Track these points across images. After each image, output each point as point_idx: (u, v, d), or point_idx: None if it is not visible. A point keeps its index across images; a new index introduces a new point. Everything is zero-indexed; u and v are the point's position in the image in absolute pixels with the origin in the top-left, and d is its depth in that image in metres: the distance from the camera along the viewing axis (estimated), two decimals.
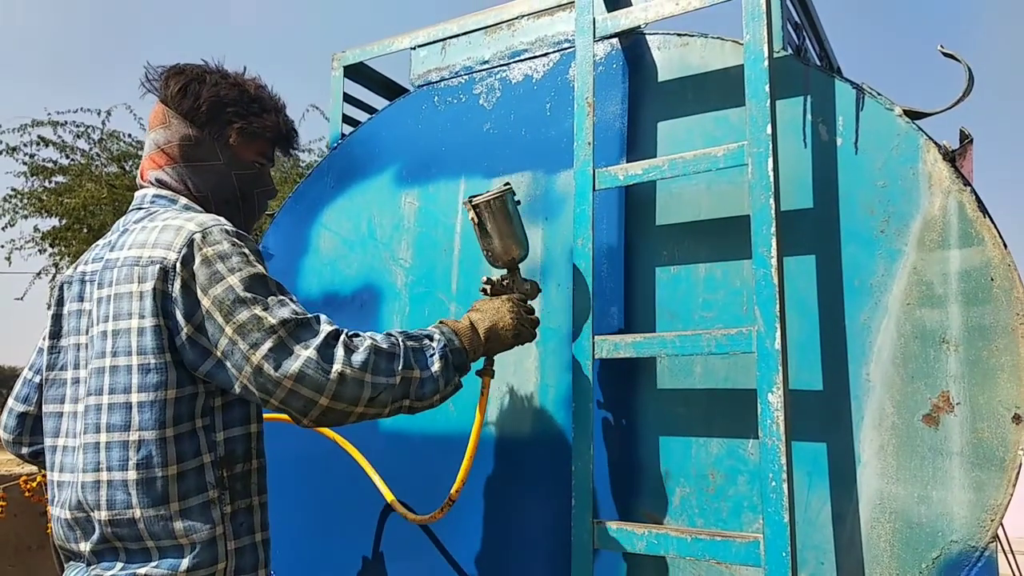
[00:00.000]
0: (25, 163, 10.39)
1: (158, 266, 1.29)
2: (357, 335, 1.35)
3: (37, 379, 1.60)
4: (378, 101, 2.63)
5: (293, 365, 1.24)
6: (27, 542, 4.10)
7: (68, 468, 1.35)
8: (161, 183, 1.48)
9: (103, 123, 10.56)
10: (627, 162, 1.88)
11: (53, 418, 1.43)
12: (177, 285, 1.28)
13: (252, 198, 1.56)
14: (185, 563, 1.26)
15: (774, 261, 1.52)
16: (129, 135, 10.70)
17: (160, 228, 1.34)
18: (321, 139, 10.90)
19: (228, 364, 1.27)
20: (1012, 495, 1.43)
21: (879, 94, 1.65)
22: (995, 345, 1.49)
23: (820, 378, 1.63)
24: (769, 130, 1.57)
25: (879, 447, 1.55)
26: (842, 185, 1.66)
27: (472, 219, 1.67)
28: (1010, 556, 3.25)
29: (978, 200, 1.54)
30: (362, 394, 1.29)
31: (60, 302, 1.48)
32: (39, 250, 10.78)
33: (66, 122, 10.39)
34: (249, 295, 1.27)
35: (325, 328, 1.31)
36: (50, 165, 10.51)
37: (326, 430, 2.13)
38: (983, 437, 1.47)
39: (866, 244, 1.62)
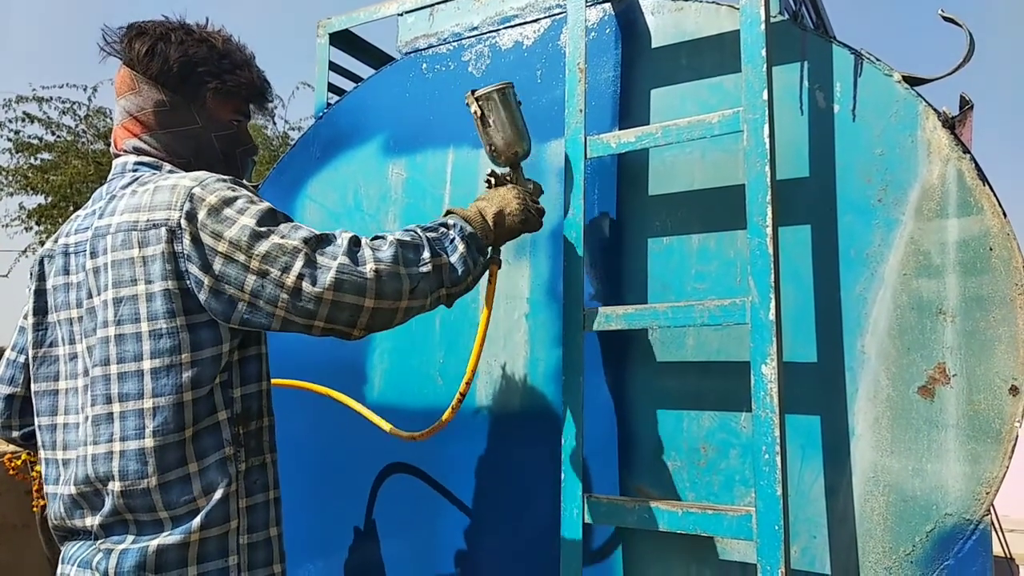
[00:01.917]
0: (10, 139, 10.27)
1: (163, 228, 1.25)
2: (377, 236, 1.35)
3: (22, 359, 1.54)
4: (365, 70, 2.57)
5: (328, 276, 1.23)
6: (11, 520, 4.06)
7: (72, 445, 1.32)
8: (140, 151, 1.43)
9: (89, 99, 10.44)
10: (619, 130, 1.84)
11: (47, 397, 1.39)
12: (187, 241, 1.24)
13: (234, 158, 1.51)
14: (197, 522, 1.24)
15: (769, 230, 1.49)
16: None
17: (153, 190, 1.30)
18: (311, 117, 10.81)
19: (261, 302, 1.24)
20: (1008, 467, 1.41)
21: (878, 60, 1.61)
22: (993, 316, 1.46)
23: (814, 350, 1.60)
24: (765, 96, 1.53)
25: (873, 419, 1.53)
26: (839, 153, 1.62)
27: (474, 113, 1.64)
28: (1000, 534, 3.26)
29: (977, 168, 1.50)
30: (402, 287, 1.29)
31: (42, 277, 1.43)
32: (25, 228, 10.68)
33: (51, 98, 10.27)
34: (264, 228, 1.25)
35: (344, 236, 1.30)
36: (35, 142, 10.39)
37: (298, 382, 2.10)
38: (979, 409, 1.45)
39: (863, 213, 1.59)
